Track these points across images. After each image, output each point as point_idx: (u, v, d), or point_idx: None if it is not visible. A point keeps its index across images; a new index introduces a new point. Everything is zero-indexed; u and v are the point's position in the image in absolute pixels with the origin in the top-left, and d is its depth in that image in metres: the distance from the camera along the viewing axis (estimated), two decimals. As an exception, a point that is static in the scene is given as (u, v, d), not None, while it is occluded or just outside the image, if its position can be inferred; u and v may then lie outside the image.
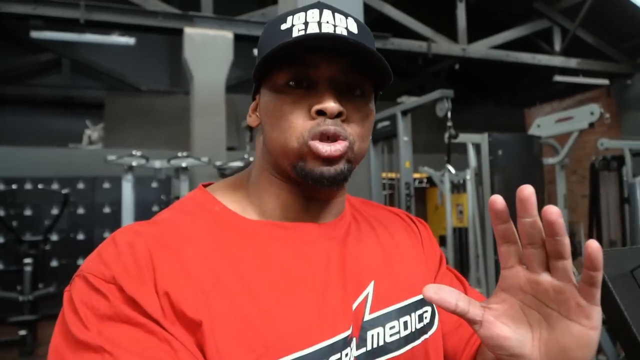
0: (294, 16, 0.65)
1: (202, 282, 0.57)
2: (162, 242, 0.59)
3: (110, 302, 0.54)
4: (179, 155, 5.57)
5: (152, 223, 0.63)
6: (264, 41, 0.67)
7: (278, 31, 0.64)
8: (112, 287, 0.54)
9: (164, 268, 0.56)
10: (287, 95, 0.63)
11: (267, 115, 0.66)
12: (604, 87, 8.55)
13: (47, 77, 9.11)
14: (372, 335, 0.64)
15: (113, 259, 0.56)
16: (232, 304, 0.57)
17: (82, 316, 0.53)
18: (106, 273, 0.55)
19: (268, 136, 0.66)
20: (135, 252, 0.57)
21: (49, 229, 6.32)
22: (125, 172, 5.46)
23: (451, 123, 3.42)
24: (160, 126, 8.47)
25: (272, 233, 0.65)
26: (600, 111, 4.22)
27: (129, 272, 0.55)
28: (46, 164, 7.38)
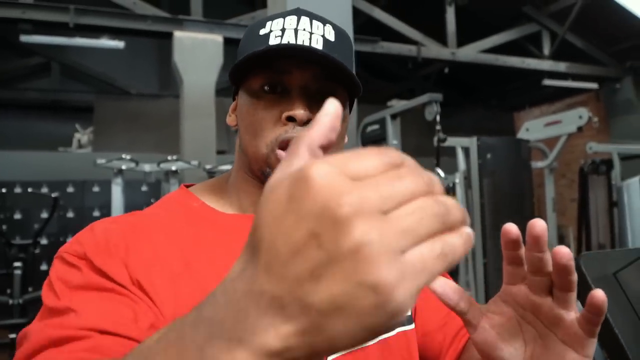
0: (272, 22, 0.66)
1: (171, 266, 0.60)
2: (136, 228, 0.62)
3: (83, 273, 0.57)
4: (168, 158, 5.55)
5: (130, 214, 0.67)
6: (243, 45, 0.70)
7: (256, 36, 0.66)
8: (84, 262, 0.58)
9: (135, 250, 0.59)
10: (261, 100, 0.65)
11: (241, 118, 0.68)
12: (592, 91, 8.62)
13: (37, 80, 9.06)
14: None
15: (87, 240, 0.60)
16: (201, 288, 0.58)
17: (57, 290, 0.56)
18: (79, 250, 0.59)
19: (242, 139, 0.68)
20: (108, 234, 0.61)
21: (39, 233, 6.27)
22: (114, 175, 5.44)
23: (440, 127, 3.43)
24: (150, 130, 8.44)
25: (246, 224, 0.64)
26: (588, 115, 4.25)
27: (99, 248, 0.59)
28: (36, 167, 7.32)
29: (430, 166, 6.74)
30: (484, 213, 3.59)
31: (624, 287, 1.05)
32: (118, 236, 0.60)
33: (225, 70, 6.34)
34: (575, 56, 7.81)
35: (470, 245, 0.31)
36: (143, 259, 0.59)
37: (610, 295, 1.02)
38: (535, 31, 7.79)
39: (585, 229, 5.89)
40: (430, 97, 3.42)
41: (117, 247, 0.59)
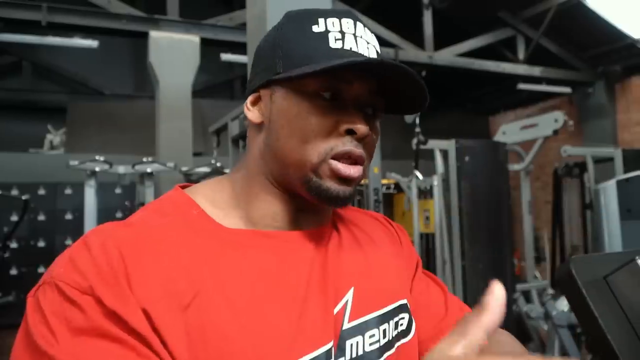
0: (326, 20, 0.62)
1: (180, 295, 0.53)
2: (137, 247, 0.55)
3: (87, 315, 0.49)
4: (144, 160, 5.45)
5: (126, 225, 0.58)
6: (291, 38, 0.62)
7: (310, 32, 0.61)
8: (89, 299, 0.50)
9: (138, 277, 0.52)
10: (315, 105, 0.60)
11: (285, 119, 0.61)
12: (566, 95, 8.77)
13: (8, 80, 8.84)
14: (352, 344, 0.61)
15: (88, 267, 0.52)
16: (211, 319, 0.53)
17: (53, 328, 0.49)
18: (82, 283, 0.51)
19: (281, 142, 0.61)
20: (109, 257, 0.52)
21: (8, 236, 6.10)
22: (88, 177, 5.32)
23: (419, 129, 3.43)
24: (125, 131, 8.31)
25: (253, 241, 0.61)
26: (564, 118, 4.31)
27: (107, 282, 0.51)
28: (5, 169, 7.13)
29: (409, 169, 6.78)
30: (462, 215, 3.61)
31: (614, 291, 1.04)
32: (117, 259, 0.53)
33: (202, 71, 6.28)
34: (549, 61, 7.94)
35: None
36: (148, 291, 0.52)
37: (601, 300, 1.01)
38: (511, 36, 7.90)
39: (559, 231, 5.98)
40: (409, 100, 3.42)
41: (122, 277, 0.52)
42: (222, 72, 9.71)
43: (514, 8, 7.71)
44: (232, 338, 0.53)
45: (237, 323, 0.54)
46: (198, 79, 6.18)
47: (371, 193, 3.70)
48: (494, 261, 3.66)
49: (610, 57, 8.00)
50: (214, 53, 6.71)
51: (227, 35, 6.02)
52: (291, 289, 0.59)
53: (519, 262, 6.27)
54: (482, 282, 3.60)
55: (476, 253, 3.60)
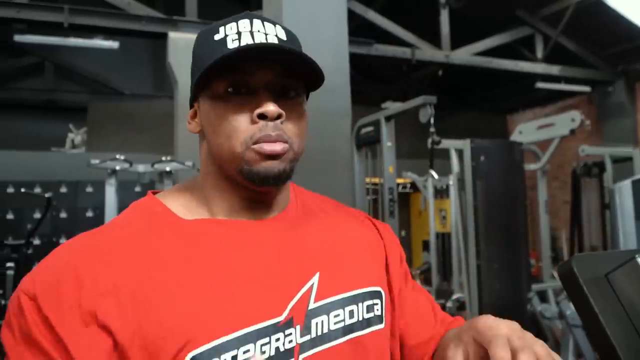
0: (225, 27, 0.67)
1: (127, 291, 0.58)
2: (89, 252, 0.60)
3: (27, 321, 0.55)
4: (162, 159, 5.54)
5: (93, 233, 0.64)
6: (199, 52, 0.69)
7: (212, 41, 0.67)
8: (32, 305, 0.56)
9: (88, 282, 0.57)
10: (228, 103, 0.66)
11: (209, 123, 0.68)
12: (585, 94, 8.67)
13: (30, 80, 9.02)
14: (317, 322, 0.65)
15: (39, 275, 0.58)
16: (156, 309, 0.58)
17: (12, 330, 0.57)
18: (30, 289, 0.57)
19: (212, 142, 0.68)
20: (59, 265, 0.59)
21: (32, 233, 6.24)
22: (108, 176, 5.42)
23: (434, 129, 3.45)
24: (144, 130, 8.42)
25: (207, 230, 0.67)
26: (581, 118, 4.28)
27: (49, 291, 0.57)
28: (29, 167, 7.29)
29: (424, 168, 6.77)
30: (477, 215, 3.60)
31: (615, 288, 1.06)
32: (68, 270, 0.58)
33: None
34: (568, 59, 7.86)
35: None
36: (97, 296, 0.57)
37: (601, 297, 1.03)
38: (529, 34, 7.83)
39: (578, 231, 5.92)
40: (424, 100, 3.44)
41: (68, 287, 0.57)
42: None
43: (531, 6, 7.64)
44: (176, 321, 0.58)
45: (182, 305, 0.59)
46: (215, 80, 6.23)
47: (386, 192, 3.73)
48: (510, 261, 3.65)
49: (630, 55, 7.90)
50: (231, 53, 6.78)
51: (244, 35, 6.07)
52: (241, 272, 0.64)
53: (537, 263, 6.23)
54: (498, 282, 3.60)
55: (492, 253, 3.60)
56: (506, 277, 3.63)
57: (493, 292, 3.57)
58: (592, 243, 6.14)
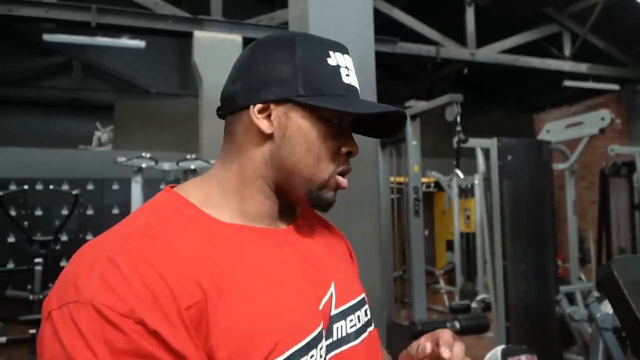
0: (335, 54, 0.72)
1: (212, 293, 0.59)
2: (168, 262, 0.59)
3: (129, 337, 0.53)
4: (187, 157, 5.59)
5: (143, 237, 0.61)
6: (312, 66, 0.70)
7: (326, 63, 0.71)
8: (130, 321, 0.54)
9: (179, 291, 0.57)
10: (328, 130, 0.71)
11: (303, 138, 0.70)
12: (613, 93, 8.49)
13: (58, 79, 9.19)
14: (337, 327, 0.72)
15: (125, 289, 0.55)
16: (238, 315, 0.60)
17: (95, 349, 0.52)
18: (121, 306, 0.54)
19: (297, 157, 0.70)
20: (146, 278, 0.56)
21: (59, 229, 6.35)
22: (134, 173, 5.49)
23: (460, 127, 3.41)
24: (169, 129, 8.50)
25: (247, 237, 0.69)
26: (611, 117, 4.19)
27: (148, 305, 0.55)
28: (56, 165, 7.43)
29: (449, 167, 6.71)
30: (504, 215, 3.55)
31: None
32: (157, 281, 0.56)
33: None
34: (596, 57, 7.71)
35: None
36: (188, 300, 0.57)
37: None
38: (556, 32, 7.70)
39: (606, 232, 5.80)
40: (451, 98, 3.40)
41: (165, 298, 0.56)
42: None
43: (559, 3, 7.51)
44: (256, 327, 0.61)
45: (258, 313, 0.62)
46: (240, 78, 6.26)
47: (411, 191, 3.70)
48: (537, 262, 3.60)
49: (660, 52, 7.72)
50: (255, 52, 6.80)
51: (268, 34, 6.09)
52: (288, 281, 0.68)
53: (563, 264, 6.13)
54: (525, 284, 3.54)
55: (518, 253, 3.54)
56: (533, 278, 3.57)
57: (519, 293, 3.52)
58: (620, 245, 6.01)
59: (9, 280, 6.65)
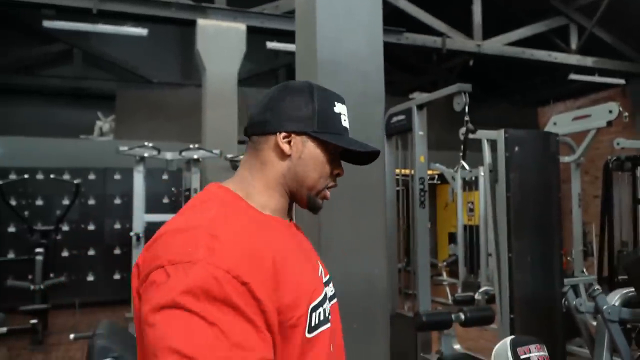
0: (338, 103, 1.01)
1: (278, 265, 0.83)
2: (251, 240, 0.83)
3: (238, 303, 0.74)
4: (190, 147, 5.55)
5: (227, 222, 0.84)
6: (324, 111, 0.98)
7: (333, 110, 0.99)
8: (235, 281, 0.74)
9: (264, 261, 0.81)
10: (330, 157, 0.99)
11: (313, 161, 0.97)
12: (619, 87, 8.44)
13: (59, 67, 9.15)
14: (326, 291, 0.98)
15: (230, 256, 0.77)
16: (292, 279, 0.85)
17: (200, 298, 0.72)
18: (242, 275, 0.75)
19: (307, 173, 0.98)
20: (244, 251, 0.79)
21: (60, 219, 6.33)
22: (136, 163, 5.45)
23: (468, 117, 3.36)
24: (172, 119, 8.47)
25: (280, 225, 0.97)
26: (619, 109, 4.15)
27: (261, 281, 0.78)
28: (57, 154, 7.41)
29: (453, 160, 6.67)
30: (510, 207, 3.51)
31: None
32: (249, 249, 0.80)
33: (247, 59, 6.33)
34: (603, 51, 7.66)
35: None
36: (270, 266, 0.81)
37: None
38: (563, 25, 7.64)
39: (608, 226, 5.78)
40: (459, 88, 3.35)
41: (272, 279, 0.81)
42: (267, 61, 9.77)
43: (567, -4, 7.46)
44: (303, 286, 0.88)
45: (296, 272, 0.87)
46: (243, 68, 6.23)
47: (417, 182, 3.66)
48: (543, 254, 3.56)
49: (668, 47, 7.67)
50: (259, 41, 6.75)
51: (272, 23, 6.04)
52: (304, 258, 0.97)
53: (565, 257, 6.11)
54: (530, 275, 3.51)
55: (524, 246, 3.51)
56: (538, 271, 3.54)
57: (524, 285, 3.49)
58: (622, 239, 5.99)
59: (10, 270, 6.64)
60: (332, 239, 2.65)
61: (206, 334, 0.71)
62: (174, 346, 0.69)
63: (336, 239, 2.66)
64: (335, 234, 2.65)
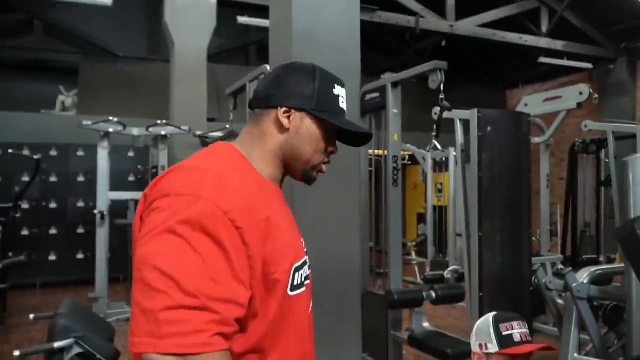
0: (338, 86, 1.08)
1: (270, 220, 0.92)
2: (252, 190, 0.93)
3: (220, 229, 0.82)
4: (158, 122, 5.39)
5: (235, 171, 0.95)
6: (325, 91, 1.06)
7: (332, 92, 1.07)
8: (227, 221, 0.83)
9: (261, 210, 0.90)
10: (326, 134, 1.07)
11: (309, 136, 1.05)
12: (586, 71, 8.59)
13: (18, 39, 8.73)
14: (305, 258, 1.06)
15: (230, 198, 0.86)
16: (278, 236, 0.93)
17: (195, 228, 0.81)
18: (231, 212, 0.84)
19: (303, 147, 1.05)
20: (244, 196, 0.89)
21: (19, 196, 6.09)
22: (101, 139, 5.28)
23: (443, 95, 3.34)
24: (138, 94, 8.24)
25: (274, 188, 1.05)
26: (589, 91, 4.20)
27: (243, 213, 0.86)
28: (17, 129, 7.12)
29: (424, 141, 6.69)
30: (481, 187, 3.52)
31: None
32: (249, 195, 0.90)
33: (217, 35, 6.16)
34: (572, 35, 7.75)
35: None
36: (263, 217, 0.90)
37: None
38: (535, 7, 7.69)
39: (573, 207, 5.91)
40: (435, 65, 3.31)
41: (253, 208, 0.89)
42: (238, 37, 9.56)
43: (539, -22, 7.50)
44: (287, 245, 0.96)
45: (284, 233, 0.96)
46: (213, 43, 6.07)
47: (390, 160, 3.63)
48: (512, 234, 3.60)
49: (633, 33, 7.80)
50: (230, 16, 6.57)
51: (244, -3, 5.89)
52: (292, 225, 1.08)
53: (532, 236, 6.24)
54: (499, 255, 3.55)
55: (494, 225, 3.53)
56: (508, 250, 3.58)
57: (494, 264, 3.53)
58: (586, 219, 6.14)
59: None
60: (306, 218, 2.60)
61: (189, 260, 0.79)
62: (157, 264, 0.78)
63: (310, 219, 2.61)
64: (309, 213, 2.60)
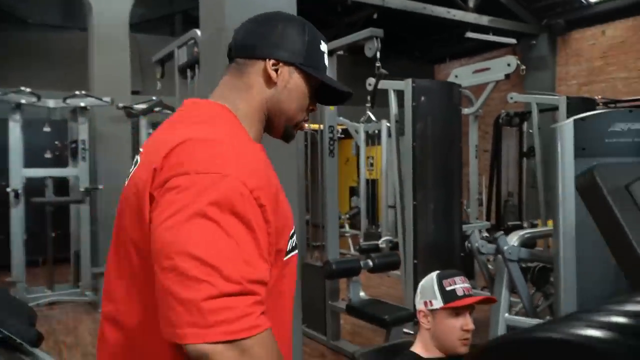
0: (323, 43, 1.04)
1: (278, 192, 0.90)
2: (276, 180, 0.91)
3: (247, 207, 0.78)
4: (77, 93, 5.04)
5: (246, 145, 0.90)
6: (313, 46, 1.01)
7: (319, 47, 1.02)
8: (252, 198, 0.80)
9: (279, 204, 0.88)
10: (311, 92, 1.03)
11: (296, 92, 1.01)
12: (510, 47, 8.87)
13: None
14: None
15: (254, 179, 0.82)
16: (282, 205, 0.90)
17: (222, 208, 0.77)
18: (255, 189, 0.80)
19: (289, 102, 1.01)
20: (263, 172, 0.86)
21: None
22: (12, 111, 4.88)
23: (380, 64, 3.31)
24: (53, 66, 7.74)
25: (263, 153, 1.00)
26: (517, 63, 4.30)
27: (264, 188, 0.83)
28: None
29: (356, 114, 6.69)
30: (415, 157, 3.55)
31: (636, 198, 0.99)
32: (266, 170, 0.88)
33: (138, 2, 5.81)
34: (498, 11, 7.96)
35: None
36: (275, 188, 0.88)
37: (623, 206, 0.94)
38: (462, -18, 7.82)
39: (497, 178, 6.15)
40: (371, 32, 3.27)
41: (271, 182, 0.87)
42: (161, 6, 9.15)
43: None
44: (285, 208, 0.93)
45: (285, 202, 0.93)
46: (135, 12, 5.73)
47: (326, 131, 3.58)
48: (445, 203, 3.67)
49: (554, 9, 8.12)
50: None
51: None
52: None
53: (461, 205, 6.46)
54: (432, 223, 3.62)
55: (427, 194, 3.59)
56: (440, 218, 3.66)
57: (427, 232, 3.59)
58: (509, 189, 6.41)
59: None
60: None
61: (224, 245, 0.75)
62: (192, 252, 0.73)
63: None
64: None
